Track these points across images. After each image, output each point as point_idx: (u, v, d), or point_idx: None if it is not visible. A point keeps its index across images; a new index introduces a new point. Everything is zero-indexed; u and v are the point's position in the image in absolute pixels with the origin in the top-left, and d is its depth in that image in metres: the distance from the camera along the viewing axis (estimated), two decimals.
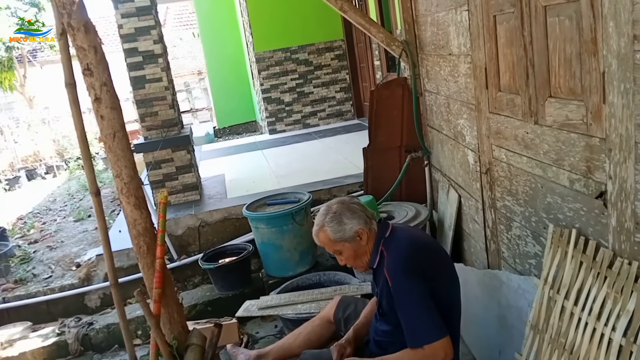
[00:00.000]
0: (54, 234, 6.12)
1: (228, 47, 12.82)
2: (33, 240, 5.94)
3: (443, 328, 2.15)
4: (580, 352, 1.83)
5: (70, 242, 5.72)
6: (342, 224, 2.32)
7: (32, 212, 7.66)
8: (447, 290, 2.32)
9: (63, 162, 11.84)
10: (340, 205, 2.37)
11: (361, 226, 2.33)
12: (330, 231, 2.33)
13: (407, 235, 2.41)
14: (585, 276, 1.87)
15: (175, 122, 5.23)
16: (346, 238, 2.32)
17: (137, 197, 1.84)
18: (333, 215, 2.34)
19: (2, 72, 14.82)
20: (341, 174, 5.51)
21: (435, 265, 2.32)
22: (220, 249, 4.39)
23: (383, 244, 2.34)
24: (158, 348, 1.77)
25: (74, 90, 1.94)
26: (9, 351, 3.72)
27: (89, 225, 6.33)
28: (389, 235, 2.37)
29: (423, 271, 2.22)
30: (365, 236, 2.34)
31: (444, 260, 2.44)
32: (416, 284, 2.18)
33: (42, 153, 11.98)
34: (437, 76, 3.37)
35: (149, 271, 1.82)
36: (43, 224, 6.76)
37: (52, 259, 5.20)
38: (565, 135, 1.93)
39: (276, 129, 9.34)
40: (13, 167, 11.18)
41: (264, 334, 3.71)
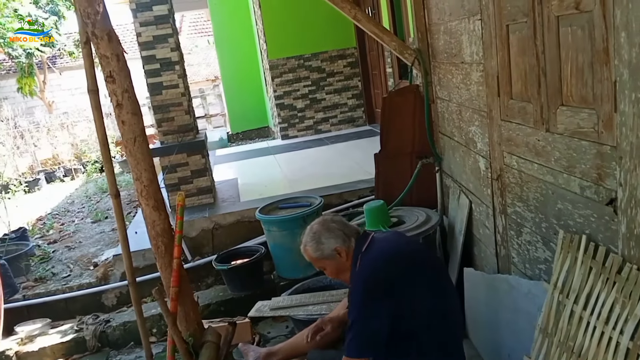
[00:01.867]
0: (72, 235, 6.18)
1: (242, 55, 12.89)
2: (52, 240, 6.00)
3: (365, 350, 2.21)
4: (589, 355, 1.83)
5: (88, 242, 5.77)
6: (320, 243, 2.40)
7: (51, 213, 7.73)
8: (425, 301, 2.27)
9: (81, 166, 11.94)
10: (319, 226, 2.46)
11: (339, 245, 2.39)
12: (310, 250, 2.43)
13: (383, 247, 2.40)
14: (595, 281, 1.87)
15: (191, 127, 5.27)
16: (326, 256, 2.41)
17: (156, 199, 1.86)
18: (312, 235, 2.44)
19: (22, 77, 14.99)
20: (352, 179, 5.51)
21: (413, 277, 2.28)
22: (233, 250, 4.41)
23: (360, 258, 2.38)
24: (175, 344, 1.79)
25: (97, 96, 1.97)
26: (29, 346, 3.76)
27: (106, 227, 6.38)
28: (365, 248, 2.39)
29: (389, 288, 2.22)
30: (344, 253, 2.41)
31: (428, 269, 2.39)
32: (367, 300, 2.23)
33: (60, 156, 12.09)
34: (449, 84, 3.37)
35: (167, 270, 1.84)
36: (62, 225, 6.83)
37: (71, 258, 5.24)
38: (576, 142, 1.93)
39: (288, 134, 9.37)
40: (33, 170, 11.29)
41: (275, 334, 3.73)
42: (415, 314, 2.21)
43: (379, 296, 2.20)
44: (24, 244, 5.23)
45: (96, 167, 11.47)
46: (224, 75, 13.66)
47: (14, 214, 7.49)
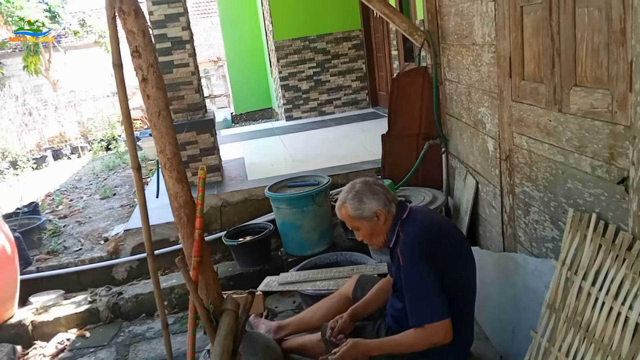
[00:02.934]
0: (82, 210, 6.20)
1: (247, 36, 12.83)
2: (62, 216, 6.02)
3: (445, 310, 2.21)
4: (596, 329, 1.85)
5: (98, 218, 5.80)
6: (362, 203, 2.37)
7: (59, 189, 7.74)
8: (459, 272, 2.34)
9: (87, 144, 11.94)
10: (363, 185, 2.42)
11: (380, 207, 2.37)
12: (350, 208, 2.39)
13: (423, 219, 2.44)
14: (604, 258, 1.89)
15: (200, 106, 5.27)
16: (364, 217, 2.38)
17: (179, 171, 1.87)
18: (355, 193, 2.40)
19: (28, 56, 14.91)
20: (357, 159, 5.52)
21: (448, 249, 2.34)
22: (242, 227, 4.43)
23: (400, 225, 2.39)
24: (196, 311, 1.82)
25: (121, 71, 1.98)
26: (44, 316, 3.80)
27: (114, 203, 6.40)
28: (406, 217, 2.41)
29: (434, 255, 2.26)
30: (383, 217, 2.39)
31: (459, 243, 2.45)
32: (424, 267, 2.23)
33: (67, 134, 12.08)
34: (458, 65, 3.37)
35: (189, 240, 1.86)
36: (70, 201, 6.85)
37: (82, 233, 5.27)
38: (589, 122, 1.94)
39: (293, 115, 9.37)
40: (40, 147, 11.28)
41: (283, 309, 3.76)
42: (447, 284, 2.24)
43: (428, 262, 2.22)
44: (36, 218, 5.26)
45: (102, 145, 11.47)
46: (229, 56, 13.60)
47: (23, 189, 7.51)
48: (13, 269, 3.73)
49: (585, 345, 1.90)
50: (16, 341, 3.65)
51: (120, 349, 3.54)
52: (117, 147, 10.89)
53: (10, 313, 3.76)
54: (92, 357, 3.49)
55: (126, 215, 5.63)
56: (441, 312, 2.20)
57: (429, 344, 2.23)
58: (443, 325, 2.19)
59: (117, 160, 9.49)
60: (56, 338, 3.70)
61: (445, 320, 2.20)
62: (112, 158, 9.81)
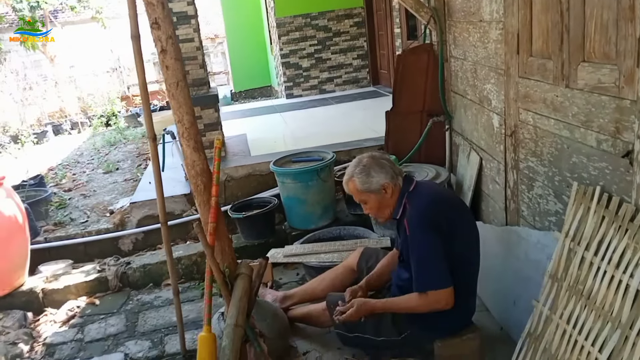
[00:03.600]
0: (86, 184, 6.23)
1: (247, 13, 12.75)
2: (67, 189, 6.05)
3: (448, 279, 2.30)
4: (597, 297, 1.92)
5: (102, 191, 5.84)
6: (370, 176, 2.43)
7: (61, 164, 7.76)
8: (463, 244, 2.42)
9: (87, 119, 11.91)
10: (370, 159, 2.48)
11: (387, 180, 2.43)
12: (358, 182, 2.45)
13: (429, 191, 2.51)
14: (607, 229, 1.95)
15: (205, 81, 5.28)
16: (372, 190, 2.44)
17: (196, 140, 1.91)
18: (362, 167, 2.45)
19: None
20: (360, 137, 5.55)
21: (454, 220, 2.41)
22: (246, 201, 4.48)
23: (407, 197, 2.45)
24: (212, 274, 1.88)
25: (139, 42, 2.01)
26: (55, 284, 3.86)
27: (117, 177, 6.44)
28: (412, 189, 2.48)
29: (440, 225, 2.33)
30: (390, 190, 2.45)
31: (464, 215, 2.52)
32: (430, 235, 2.31)
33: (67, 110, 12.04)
34: (465, 42, 3.39)
35: (205, 207, 1.91)
36: (74, 175, 6.88)
37: (87, 205, 5.32)
38: (596, 97, 1.99)
39: (293, 93, 9.37)
40: (41, 122, 11.26)
41: (287, 280, 3.83)
42: (452, 255, 2.31)
43: (434, 232, 2.30)
44: (42, 190, 5.30)
45: (102, 121, 11.45)
46: (228, 33, 13.52)
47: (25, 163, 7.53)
48: (24, 238, 3.79)
49: (586, 312, 1.96)
50: (27, 308, 3.72)
51: (130, 316, 3.61)
52: (117, 123, 10.89)
53: (21, 281, 3.82)
54: (102, 323, 3.56)
55: (130, 189, 5.67)
56: (444, 281, 2.29)
57: (429, 309, 2.33)
58: (445, 292, 2.29)
59: (118, 136, 9.50)
60: (66, 305, 3.77)
61: (448, 289, 2.29)
62: (113, 134, 9.81)
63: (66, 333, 3.49)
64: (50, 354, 3.26)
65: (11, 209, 3.67)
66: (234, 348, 1.69)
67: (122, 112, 12.03)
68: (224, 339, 1.72)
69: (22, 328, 3.51)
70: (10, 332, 3.43)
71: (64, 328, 3.56)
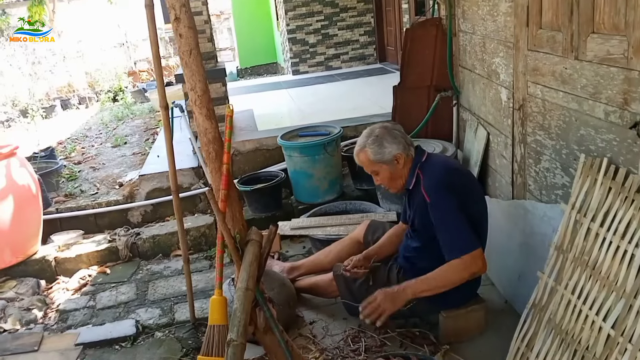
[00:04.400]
0: (95, 157, 6.26)
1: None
2: (77, 162, 6.09)
3: (477, 240, 2.29)
4: (603, 267, 1.93)
5: (111, 164, 5.86)
6: (383, 147, 2.41)
7: (70, 138, 7.79)
8: (475, 213, 2.43)
9: (94, 94, 11.90)
10: (382, 130, 2.46)
11: (400, 151, 2.42)
12: (370, 152, 2.43)
13: (442, 160, 2.53)
14: (613, 200, 1.96)
15: (212, 55, 5.27)
16: (384, 160, 2.43)
17: (208, 108, 1.93)
18: (375, 138, 2.43)
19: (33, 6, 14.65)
20: (366, 113, 5.54)
21: (467, 188, 2.43)
22: (254, 174, 4.51)
23: (419, 168, 2.45)
24: (224, 240, 1.91)
25: (152, 10, 2.00)
26: (67, 253, 3.92)
27: (126, 151, 6.46)
28: (425, 160, 2.47)
29: (457, 192, 2.33)
30: (402, 160, 2.44)
31: (475, 185, 2.55)
32: (452, 199, 2.31)
33: (75, 85, 12.02)
34: (474, 16, 3.36)
35: (216, 175, 1.93)
36: (83, 148, 6.91)
37: (96, 178, 5.35)
38: (604, 69, 1.98)
39: (299, 69, 9.32)
40: (49, 97, 11.25)
41: (293, 253, 3.87)
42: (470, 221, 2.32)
43: (455, 197, 2.30)
44: (53, 162, 5.33)
45: (109, 96, 11.43)
46: (235, 10, 13.43)
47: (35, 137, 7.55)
48: (37, 207, 3.84)
49: (591, 282, 1.98)
50: (40, 276, 3.79)
51: (140, 285, 3.67)
52: (124, 98, 10.87)
53: (34, 249, 3.88)
54: (113, 291, 3.61)
55: (138, 163, 5.69)
56: (475, 242, 2.28)
57: (469, 275, 2.30)
58: (480, 254, 2.28)
59: (126, 111, 9.50)
60: (78, 273, 3.83)
61: (479, 249, 2.28)
62: (120, 109, 9.81)
63: (79, 300, 3.55)
64: (64, 320, 3.32)
65: (25, 178, 3.71)
66: (244, 310, 1.72)
67: (129, 87, 12.01)
68: (235, 301, 1.75)
69: (35, 295, 3.58)
70: (24, 298, 3.49)
71: (77, 295, 3.62)
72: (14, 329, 3.18)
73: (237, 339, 1.65)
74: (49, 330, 3.20)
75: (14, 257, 3.71)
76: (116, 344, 2.94)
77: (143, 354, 2.83)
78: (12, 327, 3.18)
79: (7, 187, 3.54)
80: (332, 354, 2.55)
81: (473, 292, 2.63)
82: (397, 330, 2.67)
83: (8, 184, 3.55)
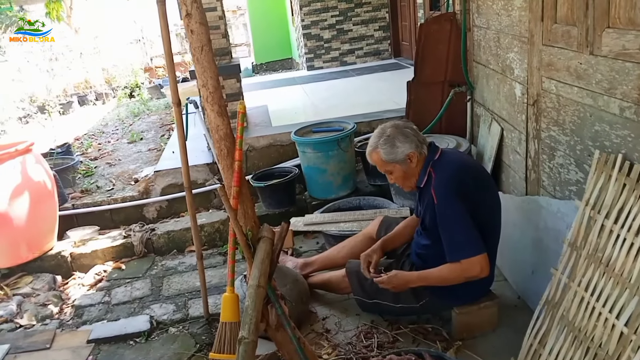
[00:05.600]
0: (111, 153, 6.33)
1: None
2: (93, 158, 6.16)
3: (481, 245, 2.28)
4: (616, 264, 1.91)
5: (127, 160, 5.93)
6: (395, 147, 2.40)
7: (87, 133, 7.88)
8: (488, 211, 2.42)
9: (111, 90, 12.02)
10: (394, 129, 2.44)
11: (412, 150, 2.40)
12: (382, 153, 2.41)
13: (455, 159, 2.49)
14: (628, 197, 1.93)
15: (227, 51, 5.28)
16: (397, 160, 2.41)
17: (220, 105, 1.93)
18: (387, 138, 2.41)
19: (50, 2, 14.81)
20: (380, 108, 5.53)
21: (480, 187, 2.40)
22: (268, 170, 4.52)
23: (431, 166, 2.43)
24: (235, 237, 1.92)
25: (164, 6, 2.02)
26: (82, 249, 3.97)
27: (142, 147, 6.52)
28: (437, 158, 2.46)
29: (467, 192, 2.32)
30: (416, 159, 2.42)
31: (488, 183, 2.52)
32: (459, 203, 2.29)
33: (92, 81, 12.16)
34: (488, 11, 3.33)
35: (228, 171, 1.94)
36: (99, 144, 6.98)
37: (112, 174, 5.42)
38: (620, 64, 1.95)
39: (314, 65, 9.31)
40: (66, 93, 11.40)
41: (307, 249, 3.87)
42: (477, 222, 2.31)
43: (462, 200, 2.29)
44: (69, 158, 5.41)
45: (126, 92, 11.55)
46: (250, 5, 13.45)
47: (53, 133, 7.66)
48: (53, 203, 3.89)
49: (605, 279, 1.96)
50: (56, 271, 3.85)
51: (155, 281, 3.70)
52: (140, 95, 10.96)
53: (50, 245, 3.94)
54: (128, 287, 3.66)
55: (154, 159, 5.75)
56: (477, 247, 2.27)
57: (465, 278, 2.31)
58: (479, 259, 2.27)
59: (142, 107, 9.59)
60: (94, 269, 3.88)
61: (482, 255, 2.27)
62: (137, 105, 9.91)
63: (94, 296, 3.60)
64: (79, 315, 3.37)
65: (40, 174, 3.77)
66: (256, 308, 1.74)
67: (145, 83, 12.12)
68: (246, 299, 1.77)
69: (51, 290, 3.64)
70: (40, 294, 3.55)
71: (92, 291, 3.67)
72: (30, 325, 3.23)
73: (248, 337, 1.67)
74: (64, 326, 3.24)
75: (30, 253, 3.78)
76: (130, 339, 2.98)
77: (157, 349, 2.87)
78: (27, 323, 3.23)
79: (22, 184, 3.60)
80: (345, 350, 2.56)
81: (485, 289, 2.62)
82: (409, 327, 2.68)
83: (24, 180, 3.61)
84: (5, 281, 3.71)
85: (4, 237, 3.60)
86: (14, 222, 3.58)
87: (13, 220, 3.57)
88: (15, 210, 3.57)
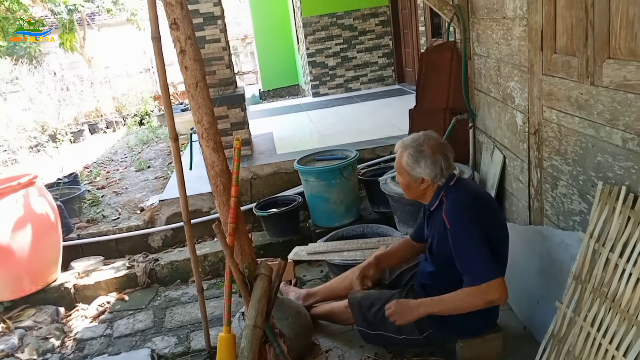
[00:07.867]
0: (118, 182, 6.32)
1: (275, 13, 12.77)
2: (100, 186, 6.15)
3: (499, 269, 2.23)
4: (622, 300, 1.84)
5: (134, 189, 5.91)
6: (417, 163, 2.37)
7: (96, 162, 7.89)
8: (497, 240, 2.35)
9: (121, 119, 12.10)
10: (429, 150, 2.37)
11: (427, 177, 2.38)
12: (406, 157, 2.40)
13: (467, 187, 2.46)
14: (633, 230, 1.86)
15: (231, 81, 5.29)
16: (411, 174, 2.40)
17: (216, 141, 1.90)
18: (419, 152, 2.37)
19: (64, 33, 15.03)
20: (384, 135, 5.50)
21: (489, 217, 2.35)
22: (271, 199, 4.47)
23: (444, 191, 2.39)
24: (232, 275, 1.86)
25: (159, 43, 1.99)
26: (86, 280, 3.92)
27: (149, 175, 6.51)
28: (452, 184, 2.41)
29: (479, 220, 2.27)
30: (426, 185, 2.41)
31: (498, 214, 2.47)
32: (474, 229, 2.24)
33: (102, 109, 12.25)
34: (488, 40, 3.30)
35: (224, 208, 1.89)
36: (107, 173, 6.98)
37: (119, 203, 5.38)
38: (621, 95, 1.90)
39: (319, 92, 9.33)
40: (77, 122, 11.48)
41: (311, 277, 3.81)
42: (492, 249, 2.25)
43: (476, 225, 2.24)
44: (76, 187, 5.39)
45: (135, 120, 11.61)
46: (257, 34, 13.56)
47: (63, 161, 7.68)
48: (56, 235, 3.85)
49: (611, 315, 1.88)
50: (59, 303, 3.79)
51: (157, 312, 3.64)
52: (150, 122, 11.01)
53: (54, 277, 3.89)
54: (131, 319, 3.59)
55: (161, 187, 5.72)
56: (496, 271, 2.21)
57: (485, 303, 2.22)
58: (499, 283, 2.20)
59: (151, 135, 9.62)
60: (97, 301, 3.83)
61: (501, 279, 2.21)
62: (146, 132, 9.94)
63: (96, 328, 3.53)
64: (80, 349, 3.30)
65: (43, 207, 3.74)
66: (252, 349, 1.67)
67: (154, 111, 12.19)
68: (242, 340, 1.70)
69: (54, 323, 3.57)
70: (42, 327, 3.48)
71: (94, 323, 3.60)
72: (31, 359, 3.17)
73: None
74: None
75: (33, 285, 3.73)
76: None
77: None
78: (28, 358, 3.17)
79: (25, 216, 3.56)
80: None
81: (491, 322, 2.54)
82: (414, 359, 2.60)
83: (26, 213, 3.58)
84: (7, 314, 3.66)
85: (7, 270, 3.56)
86: (16, 255, 3.54)
87: (15, 253, 3.53)
88: (17, 243, 3.53)
